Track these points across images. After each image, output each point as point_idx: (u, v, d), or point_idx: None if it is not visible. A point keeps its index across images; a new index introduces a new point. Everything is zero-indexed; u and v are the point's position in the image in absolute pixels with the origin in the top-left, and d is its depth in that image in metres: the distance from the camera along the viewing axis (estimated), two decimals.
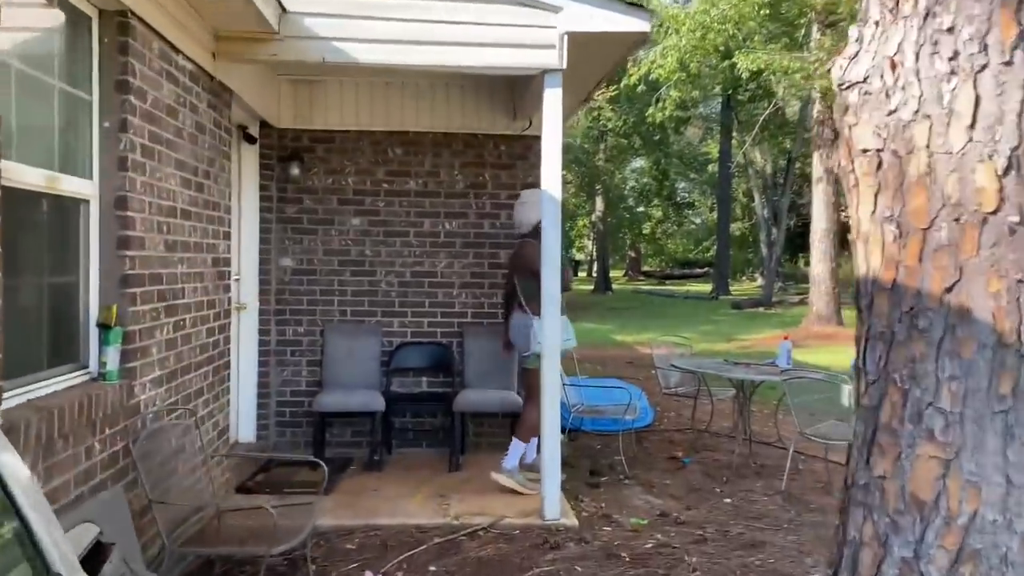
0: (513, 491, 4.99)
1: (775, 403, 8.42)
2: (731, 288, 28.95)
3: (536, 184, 6.00)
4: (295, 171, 5.79)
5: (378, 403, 5.46)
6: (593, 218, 32.82)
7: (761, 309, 22.03)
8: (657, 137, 28.91)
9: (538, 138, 5.97)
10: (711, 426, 7.36)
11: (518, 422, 5.25)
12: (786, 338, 6.43)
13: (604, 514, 4.96)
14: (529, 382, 5.16)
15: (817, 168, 15.08)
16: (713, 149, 30.12)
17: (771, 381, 6.34)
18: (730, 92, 20.97)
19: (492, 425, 6.02)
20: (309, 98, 5.89)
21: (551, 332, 4.55)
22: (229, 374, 4.75)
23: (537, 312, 4.86)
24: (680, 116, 27.67)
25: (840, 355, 13.07)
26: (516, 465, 5.07)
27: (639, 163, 37.28)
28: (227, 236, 4.59)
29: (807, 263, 36.85)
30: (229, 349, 4.71)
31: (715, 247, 34.38)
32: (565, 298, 5.03)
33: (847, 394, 5.21)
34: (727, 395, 6.97)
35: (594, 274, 35.67)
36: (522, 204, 5.24)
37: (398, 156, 5.99)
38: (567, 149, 27.44)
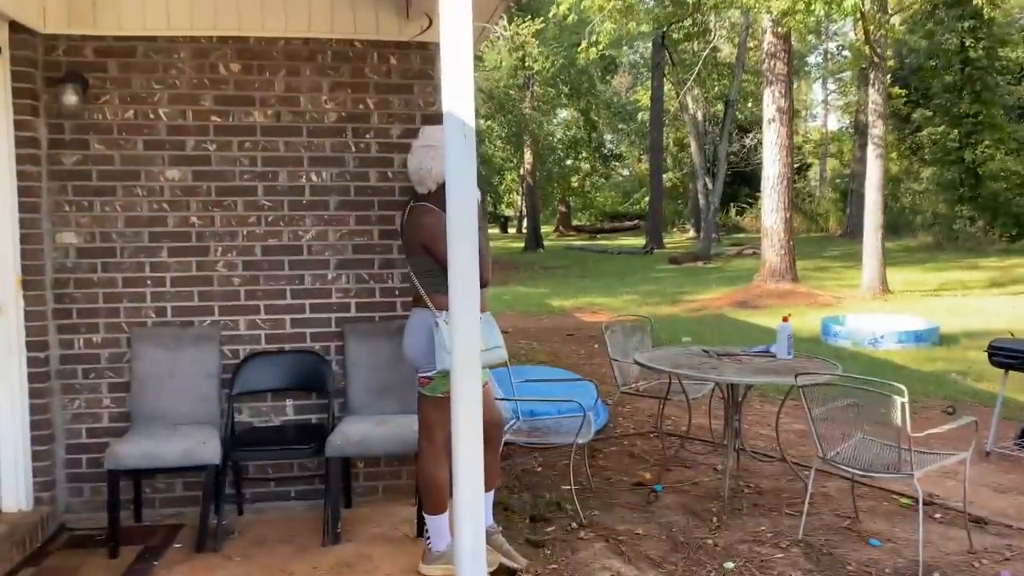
0: None
1: (758, 398, 6.85)
2: (664, 241, 27.62)
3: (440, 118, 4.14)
4: (72, 100, 3.77)
5: (209, 452, 3.58)
6: (521, 171, 30.93)
7: (700, 263, 20.68)
8: (585, 85, 27.10)
9: None
10: (680, 428, 5.72)
11: (417, 484, 3.47)
12: (786, 319, 4.77)
13: None
14: (427, 417, 3.35)
15: (769, 108, 13.50)
16: (644, 96, 28.45)
17: (780, 384, 4.71)
18: (664, 30, 19.22)
19: (392, 462, 4.22)
20: None
21: (465, 339, 2.73)
22: None
23: (444, 308, 3.09)
24: (612, 57, 25.97)
25: (801, 316, 11.66)
26: (447, 544, 3.29)
27: (564, 114, 35.54)
28: None
29: (738, 213, 36.15)
30: None
31: (646, 199, 33.02)
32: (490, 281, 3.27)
33: (897, 409, 3.59)
34: (702, 391, 5.32)
35: (524, 231, 33.93)
36: (420, 149, 3.38)
37: (235, 75, 4.02)
38: (490, 95, 25.54)
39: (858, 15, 10.99)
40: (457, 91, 2.69)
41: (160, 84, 3.96)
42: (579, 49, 14.85)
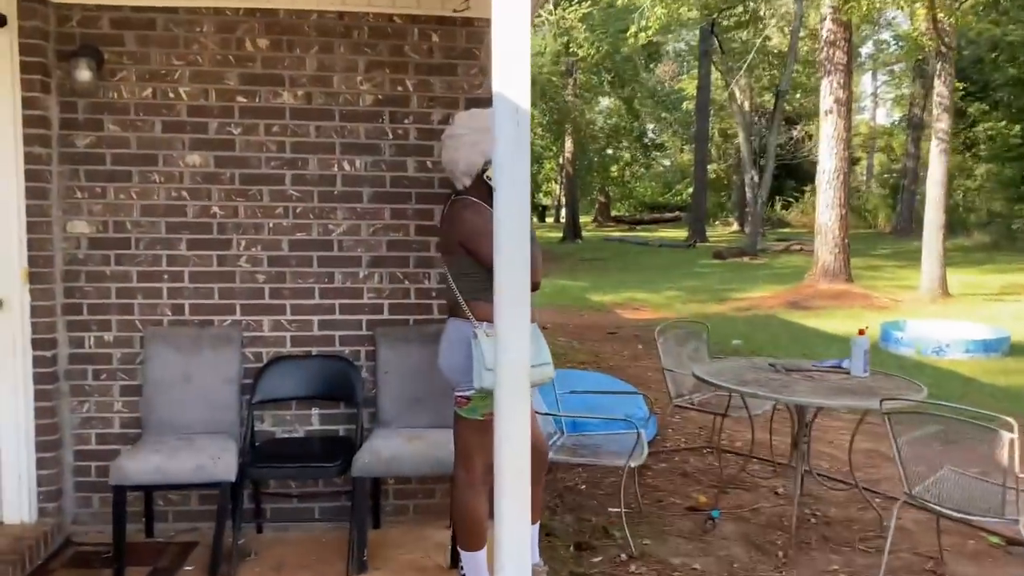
0: None
1: (822, 413, 6.33)
2: (707, 234, 26.93)
3: (486, 102, 3.75)
4: (86, 76, 3.44)
5: (223, 468, 3.23)
6: (561, 160, 30.40)
7: (746, 259, 20.04)
8: (628, 73, 26.42)
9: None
10: (735, 444, 5.28)
11: (452, 515, 3.09)
12: (862, 332, 4.30)
13: None
14: (464, 442, 2.95)
15: (826, 99, 12.86)
16: (690, 85, 27.71)
17: (860, 407, 4.25)
18: (715, 16, 18.57)
19: (424, 479, 3.85)
20: None
21: (512, 358, 2.34)
22: None
23: (485, 318, 2.72)
24: (657, 44, 25.29)
25: (856, 320, 11.06)
26: None
27: (605, 102, 34.87)
28: None
29: (784, 207, 35.20)
30: None
31: (687, 191, 32.30)
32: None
33: (1004, 445, 3.12)
34: (764, 407, 4.87)
35: (561, 220, 33.41)
36: (446, 140, 3.00)
37: (263, 52, 3.66)
38: (533, 81, 24.83)
39: (928, 1, 10.33)
40: (510, 71, 2.28)
41: (181, 60, 3.60)
42: (628, 34, 14.31)
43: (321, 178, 3.72)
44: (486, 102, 3.72)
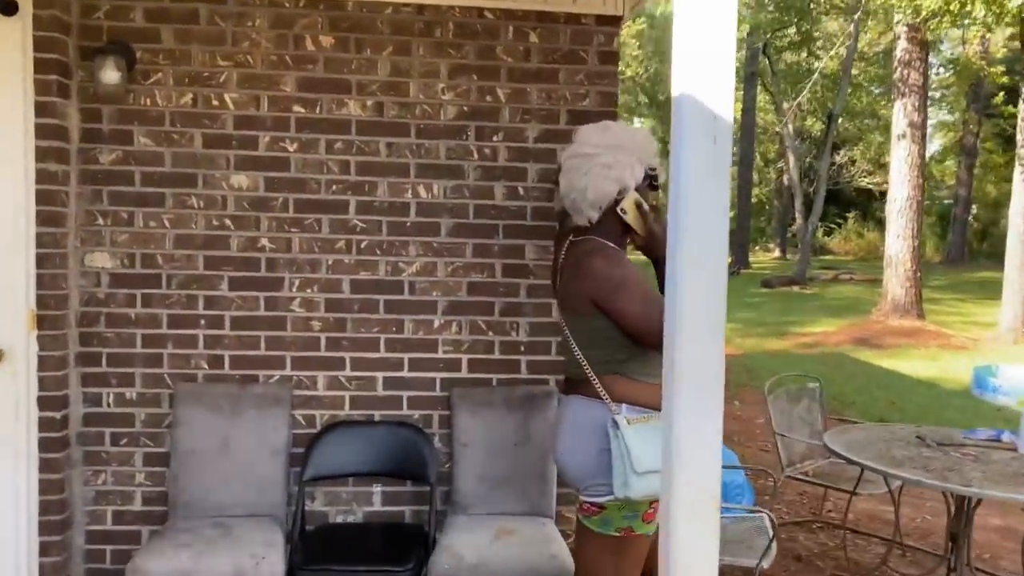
0: None
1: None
2: (749, 260, 26.05)
3: (602, 115, 3.10)
4: (114, 78, 2.81)
5: (270, 570, 2.55)
6: None
7: (796, 288, 19.16)
8: (660, 97, 25.71)
9: (611, 19, 3.06)
10: (850, 518, 4.49)
11: None
12: None
13: None
14: (593, 562, 2.23)
15: (900, 122, 12.06)
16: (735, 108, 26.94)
17: None
18: (769, 36, 17.86)
19: None
20: None
21: (696, 471, 1.65)
22: None
23: (625, 399, 2.05)
24: None
25: (935, 360, 10.22)
26: None
27: (639, 122, 34.27)
28: None
29: (826, 233, 34.21)
30: None
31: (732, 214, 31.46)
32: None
33: None
34: (896, 482, 4.11)
35: None
36: (570, 161, 2.30)
37: (326, 52, 3.02)
38: None
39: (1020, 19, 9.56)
40: (706, 67, 1.62)
41: (228, 61, 2.97)
42: None
43: (392, 206, 3.06)
44: (594, 116, 3.06)
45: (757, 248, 35.14)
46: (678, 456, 1.64)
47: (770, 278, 20.45)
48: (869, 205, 31.30)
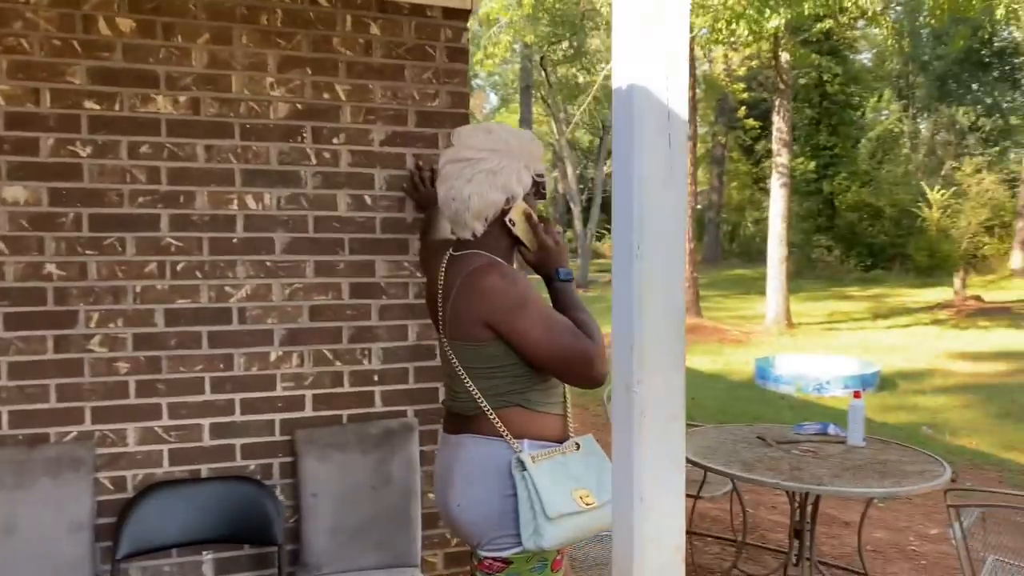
0: None
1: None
2: None
3: (455, 116, 2.84)
4: None
5: None
6: None
7: (580, 291, 19.98)
8: None
9: (459, 13, 2.82)
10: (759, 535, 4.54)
11: None
12: (857, 395, 3.76)
13: None
14: None
15: None
16: (510, 119, 27.68)
17: (897, 494, 3.65)
18: (545, 48, 18.45)
19: None
20: None
21: (662, 525, 1.43)
22: None
23: (527, 434, 1.83)
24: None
25: (717, 354, 10.92)
26: None
27: None
28: None
29: (598, 238, 36.14)
30: None
31: None
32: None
33: None
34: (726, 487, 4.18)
35: None
36: (463, 164, 1.99)
37: (127, 36, 2.49)
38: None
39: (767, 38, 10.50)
40: (655, 57, 1.42)
41: None
42: (474, 60, 13.68)
43: (213, 220, 2.59)
44: (445, 118, 2.79)
45: None
46: (640, 503, 1.42)
47: None
48: None
